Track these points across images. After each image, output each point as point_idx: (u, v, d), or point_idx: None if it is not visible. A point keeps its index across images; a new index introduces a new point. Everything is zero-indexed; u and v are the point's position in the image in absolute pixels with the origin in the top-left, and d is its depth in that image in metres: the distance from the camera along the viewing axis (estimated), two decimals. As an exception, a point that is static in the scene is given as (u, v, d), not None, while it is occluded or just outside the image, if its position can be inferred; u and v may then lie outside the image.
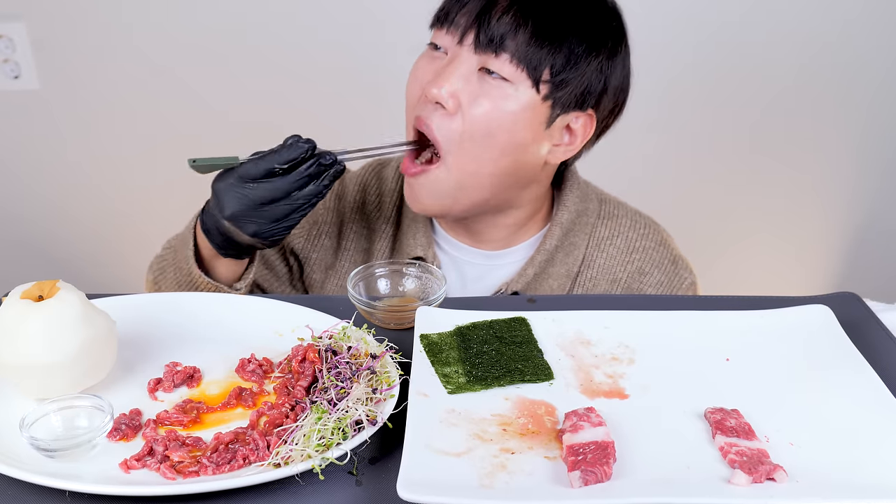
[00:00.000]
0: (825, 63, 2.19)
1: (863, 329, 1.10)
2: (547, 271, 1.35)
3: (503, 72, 1.19)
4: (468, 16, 1.20)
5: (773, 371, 1.00)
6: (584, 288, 1.36)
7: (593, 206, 1.40)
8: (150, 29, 2.20)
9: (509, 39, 1.18)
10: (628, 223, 1.39)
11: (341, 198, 1.47)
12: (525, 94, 1.20)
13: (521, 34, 1.18)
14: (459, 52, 1.21)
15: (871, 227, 2.38)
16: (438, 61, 1.24)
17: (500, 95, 1.20)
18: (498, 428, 0.91)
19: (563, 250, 1.36)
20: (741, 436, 0.87)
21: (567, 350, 1.05)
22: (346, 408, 0.90)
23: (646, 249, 1.38)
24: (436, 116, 1.21)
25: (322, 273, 1.46)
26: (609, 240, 1.37)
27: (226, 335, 1.09)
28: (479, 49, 1.20)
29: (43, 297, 0.94)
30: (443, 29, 1.23)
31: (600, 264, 1.36)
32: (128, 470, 0.86)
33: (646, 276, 1.37)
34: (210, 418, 0.95)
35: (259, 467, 0.86)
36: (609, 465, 0.83)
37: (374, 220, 1.45)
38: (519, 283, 1.34)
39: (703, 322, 1.08)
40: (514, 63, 1.19)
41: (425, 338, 1.04)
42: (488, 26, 1.18)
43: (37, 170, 2.38)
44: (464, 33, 1.20)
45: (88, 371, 0.96)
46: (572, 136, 1.27)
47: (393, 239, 1.43)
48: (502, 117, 1.20)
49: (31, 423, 0.89)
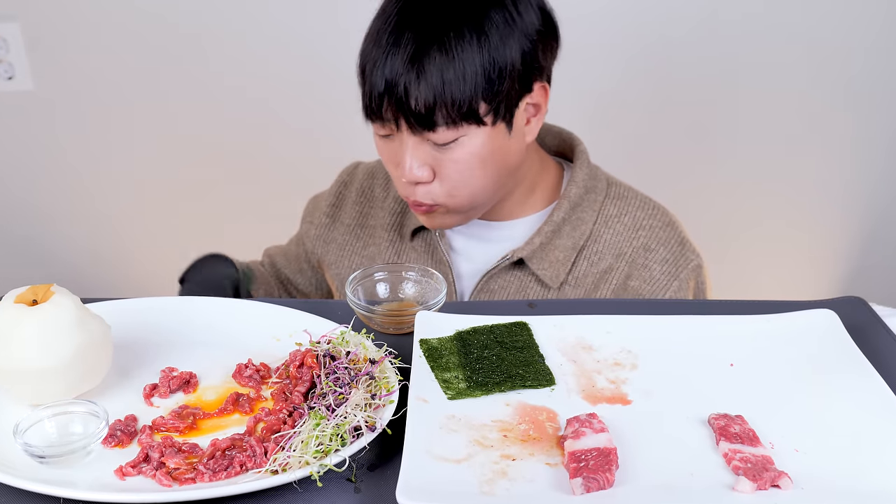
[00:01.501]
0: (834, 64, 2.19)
1: (869, 334, 1.10)
2: (553, 242, 1.39)
3: (447, 138, 1.24)
4: (392, 108, 1.24)
5: (777, 376, 1.00)
6: (589, 261, 1.39)
7: (602, 186, 1.44)
8: (145, 30, 2.20)
9: (436, 112, 1.22)
10: (637, 203, 1.44)
11: (348, 185, 1.57)
12: (477, 134, 1.26)
13: (441, 99, 1.21)
14: (403, 136, 1.27)
15: (878, 231, 2.38)
16: (393, 142, 1.30)
17: (458, 150, 1.26)
18: (499, 434, 0.91)
19: (570, 223, 1.40)
20: (745, 442, 0.87)
21: (569, 355, 1.05)
22: (345, 414, 0.90)
23: (652, 228, 1.42)
24: (419, 191, 1.30)
25: (322, 247, 1.55)
26: (616, 217, 1.42)
27: (222, 340, 1.09)
28: (415, 132, 1.25)
29: (37, 301, 0.95)
30: (376, 122, 1.29)
31: (606, 239, 1.40)
32: (123, 477, 0.86)
33: (651, 252, 1.40)
34: (206, 424, 0.95)
35: (256, 474, 0.86)
36: (611, 471, 0.83)
37: (381, 199, 1.52)
38: (525, 251, 1.38)
39: (706, 327, 1.08)
40: (451, 128, 1.24)
41: (425, 343, 1.04)
42: (413, 112, 1.22)
43: (31, 172, 2.38)
44: (396, 123, 1.26)
45: (83, 376, 0.96)
46: (536, 107, 1.33)
47: (401, 214, 1.49)
48: (471, 162, 1.27)
49: (24, 430, 0.89)
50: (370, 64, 1.26)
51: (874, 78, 2.21)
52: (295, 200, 1.70)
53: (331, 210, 1.56)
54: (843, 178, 2.33)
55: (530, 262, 1.38)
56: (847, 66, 2.19)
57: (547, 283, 1.37)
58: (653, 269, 1.39)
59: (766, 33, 2.17)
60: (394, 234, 1.48)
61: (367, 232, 1.51)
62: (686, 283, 1.39)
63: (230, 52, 2.23)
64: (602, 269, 1.39)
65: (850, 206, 2.36)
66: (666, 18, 2.13)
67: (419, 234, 1.45)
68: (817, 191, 2.35)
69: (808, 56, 2.18)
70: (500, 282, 1.40)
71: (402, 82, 1.22)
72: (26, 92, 2.26)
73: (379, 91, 1.24)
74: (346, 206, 1.55)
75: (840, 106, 2.24)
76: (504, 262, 1.39)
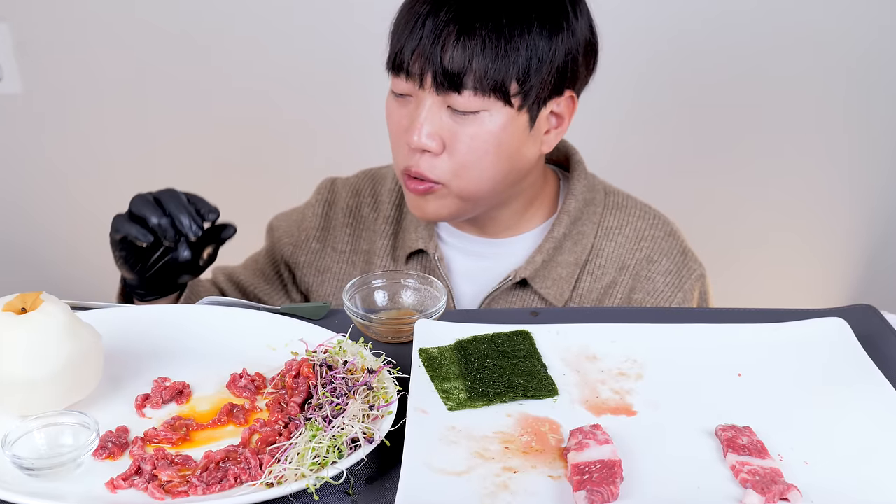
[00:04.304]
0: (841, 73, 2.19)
1: (880, 343, 1.10)
2: (555, 259, 1.38)
3: (471, 107, 1.23)
4: (420, 60, 1.23)
5: (786, 387, 1.00)
6: (592, 276, 1.39)
7: (600, 197, 1.44)
8: (136, 33, 2.21)
9: (467, 75, 1.21)
10: (637, 213, 1.43)
11: (332, 205, 1.52)
12: (500, 113, 1.24)
13: (477, 63, 1.21)
14: (423, 95, 1.25)
15: (889, 237, 2.38)
16: (407, 106, 1.28)
17: (476, 124, 1.24)
18: (500, 446, 0.91)
19: (571, 238, 1.39)
20: (753, 454, 0.88)
21: (572, 365, 1.05)
22: (342, 425, 0.90)
23: (654, 238, 1.42)
24: (424, 162, 1.27)
25: (315, 277, 1.50)
26: (617, 229, 1.42)
27: (216, 349, 1.09)
28: (441, 91, 1.23)
29: (26, 309, 0.95)
30: (399, 76, 1.27)
31: (609, 253, 1.40)
32: (114, 490, 0.86)
33: (654, 263, 1.40)
34: (200, 436, 0.95)
35: (251, 487, 0.86)
36: (616, 484, 0.83)
37: (372, 221, 1.49)
38: (527, 271, 1.37)
39: (713, 336, 1.08)
40: (479, 95, 1.22)
41: (424, 352, 1.04)
42: (442, 68, 1.21)
43: (19, 175, 2.38)
44: (421, 79, 1.24)
45: (73, 386, 0.96)
46: (559, 119, 1.32)
47: (394, 236, 1.47)
48: (486, 142, 1.25)
49: (13, 441, 0.89)
50: (413, 13, 1.24)
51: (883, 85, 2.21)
52: (293, 204, 1.70)
53: (320, 234, 1.51)
54: (852, 184, 2.33)
55: (533, 281, 1.36)
56: (856, 75, 2.20)
57: (551, 302, 1.36)
58: (656, 282, 1.39)
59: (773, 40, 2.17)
60: (387, 260, 1.45)
61: (362, 258, 1.48)
62: (690, 293, 1.39)
63: (222, 55, 2.23)
64: (606, 283, 1.39)
65: (860, 212, 2.36)
66: (669, 26, 2.14)
67: (415, 257, 1.43)
68: (826, 198, 2.35)
69: (816, 64, 2.19)
70: (502, 304, 1.39)
71: (444, 35, 1.21)
72: (15, 95, 2.27)
73: (416, 40, 1.23)
74: (335, 229, 1.51)
75: (852, 106, 2.25)
76: (506, 283, 1.37)
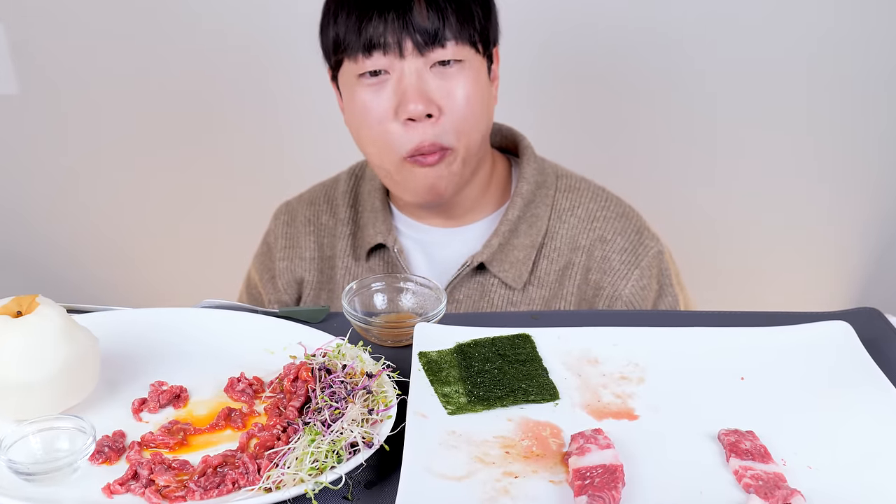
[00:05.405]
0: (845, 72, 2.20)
1: (885, 347, 1.10)
2: (511, 242, 1.42)
3: (457, 56, 1.30)
4: (394, 31, 1.28)
5: (790, 391, 1.00)
6: (548, 259, 1.44)
7: (551, 180, 1.48)
8: (131, 34, 2.21)
9: (446, 28, 1.28)
10: (589, 195, 1.48)
11: (290, 223, 1.57)
12: (474, 61, 1.33)
13: (450, 14, 1.29)
14: (404, 64, 1.29)
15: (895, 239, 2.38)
16: (385, 87, 1.31)
17: (462, 75, 1.31)
18: (500, 450, 0.91)
19: (525, 221, 1.44)
20: (757, 459, 0.88)
21: (573, 368, 1.05)
22: (341, 429, 0.90)
23: (607, 219, 1.46)
24: (430, 131, 1.31)
25: (297, 290, 1.55)
26: (570, 210, 1.46)
27: (214, 353, 1.10)
28: (424, 51, 1.29)
29: (21, 312, 0.95)
30: (373, 55, 1.30)
31: (563, 234, 1.45)
32: (111, 495, 0.86)
33: (608, 243, 1.44)
34: (197, 440, 0.96)
35: (249, 492, 0.86)
36: (618, 489, 0.83)
37: (332, 227, 1.53)
38: (484, 255, 1.41)
39: (716, 339, 1.08)
40: (459, 44, 1.30)
41: (424, 355, 1.04)
42: (423, 27, 1.27)
43: (14, 178, 2.38)
44: (401, 47, 1.28)
45: (69, 391, 0.96)
46: (493, 75, 1.40)
47: (353, 236, 1.50)
48: (475, 91, 1.32)
49: (9, 446, 0.89)
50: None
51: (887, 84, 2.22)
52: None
53: (287, 253, 1.54)
54: (856, 186, 2.33)
55: (491, 265, 1.41)
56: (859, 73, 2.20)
57: (511, 285, 1.40)
58: (612, 260, 1.43)
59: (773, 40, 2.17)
60: (348, 260, 1.49)
61: (328, 264, 1.52)
62: (648, 270, 1.43)
63: (221, 56, 2.23)
64: (562, 265, 1.43)
65: (864, 214, 2.36)
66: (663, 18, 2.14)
67: (375, 253, 1.47)
68: (830, 200, 2.35)
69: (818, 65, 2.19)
70: (464, 290, 1.42)
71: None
72: (10, 96, 2.27)
73: (381, 12, 1.28)
74: (298, 241, 1.54)
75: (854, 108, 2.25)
76: (465, 269, 1.41)
